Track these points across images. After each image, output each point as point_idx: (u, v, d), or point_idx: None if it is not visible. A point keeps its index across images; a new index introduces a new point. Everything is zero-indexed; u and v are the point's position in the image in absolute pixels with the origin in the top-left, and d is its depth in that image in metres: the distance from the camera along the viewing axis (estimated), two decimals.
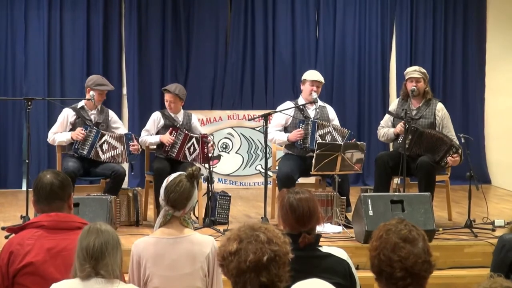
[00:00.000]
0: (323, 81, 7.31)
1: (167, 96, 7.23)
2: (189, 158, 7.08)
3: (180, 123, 7.23)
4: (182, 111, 7.33)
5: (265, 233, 2.69)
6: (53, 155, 8.01)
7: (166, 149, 7.05)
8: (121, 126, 7.30)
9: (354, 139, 7.12)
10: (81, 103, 7.12)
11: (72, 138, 6.94)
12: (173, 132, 7.07)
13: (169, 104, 7.21)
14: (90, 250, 3.04)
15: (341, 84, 9.87)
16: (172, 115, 7.25)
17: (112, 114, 7.27)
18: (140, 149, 7.12)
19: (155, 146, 7.26)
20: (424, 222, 6.15)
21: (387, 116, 7.38)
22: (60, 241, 3.46)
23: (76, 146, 6.91)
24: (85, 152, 6.90)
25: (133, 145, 6.98)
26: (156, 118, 7.26)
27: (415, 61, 9.75)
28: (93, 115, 7.09)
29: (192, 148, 7.09)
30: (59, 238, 3.45)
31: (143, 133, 7.29)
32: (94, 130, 6.94)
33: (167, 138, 7.06)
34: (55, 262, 3.37)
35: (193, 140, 7.09)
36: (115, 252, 3.08)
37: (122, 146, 6.97)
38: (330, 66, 9.82)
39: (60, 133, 7.04)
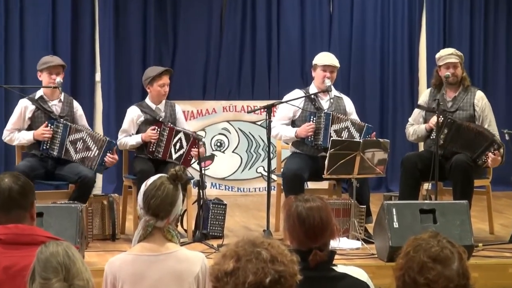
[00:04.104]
0: (338, 65, 7.28)
1: (164, 80, 7.14)
2: (174, 156, 7.05)
3: (163, 116, 7.19)
4: (164, 101, 7.29)
5: (268, 250, 2.67)
6: (11, 154, 8.00)
7: (151, 149, 7.01)
8: (86, 124, 7.21)
9: (374, 133, 7.11)
10: (39, 93, 7.05)
11: (35, 138, 6.90)
12: (156, 128, 7.03)
13: (165, 90, 7.15)
14: (59, 258, 2.99)
15: (360, 70, 9.88)
16: (153, 107, 7.20)
17: (77, 106, 7.19)
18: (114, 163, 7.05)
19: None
20: (460, 236, 6.14)
21: (416, 111, 7.38)
22: (20, 259, 3.43)
23: (44, 147, 6.87)
24: (55, 153, 6.86)
25: (111, 158, 6.89)
26: (134, 115, 7.18)
27: (449, 43, 9.76)
28: (54, 106, 7.04)
29: (178, 145, 7.07)
30: (19, 255, 3.43)
31: (120, 135, 7.21)
32: (61, 125, 6.90)
33: (149, 134, 7.02)
34: (14, 283, 3.35)
35: (181, 135, 7.06)
36: (79, 255, 3.04)
37: (98, 151, 6.90)
38: (347, 48, 9.84)
39: (18, 131, 6.99)
